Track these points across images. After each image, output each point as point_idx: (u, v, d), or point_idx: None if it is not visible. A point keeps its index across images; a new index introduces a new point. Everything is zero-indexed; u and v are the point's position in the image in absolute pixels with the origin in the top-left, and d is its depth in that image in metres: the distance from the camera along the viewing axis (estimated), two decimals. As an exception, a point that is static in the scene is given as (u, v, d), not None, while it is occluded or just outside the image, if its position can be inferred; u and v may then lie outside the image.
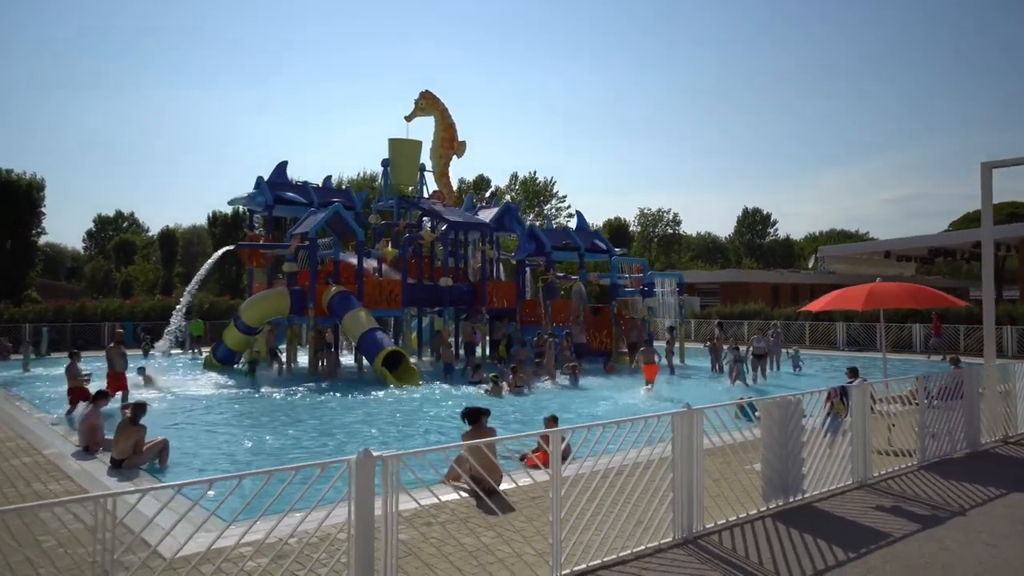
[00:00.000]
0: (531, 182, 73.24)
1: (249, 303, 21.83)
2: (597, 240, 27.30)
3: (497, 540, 5.89)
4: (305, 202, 24.41)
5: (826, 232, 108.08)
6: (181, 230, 77.72)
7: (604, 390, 18.34)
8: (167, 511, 4.63)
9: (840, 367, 24.86)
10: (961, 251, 48.56)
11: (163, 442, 9.82)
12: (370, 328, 20.29)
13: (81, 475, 9.03)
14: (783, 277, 50.44)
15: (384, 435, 12.08)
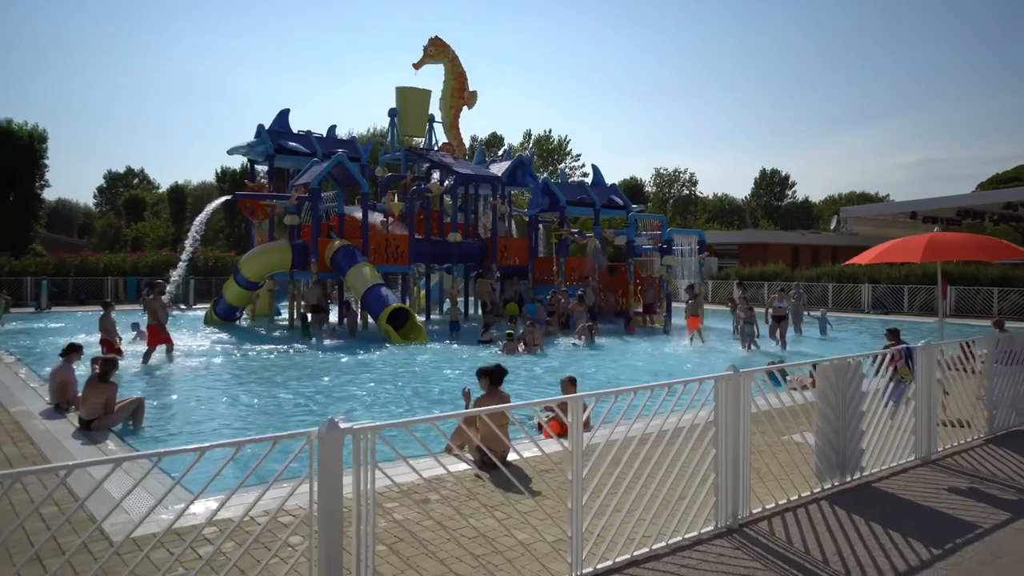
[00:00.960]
0: (546, 140, 71.41)
1: (249, 256, 20.86)
2: (614, 195, 26.01)
3: (500, 528, 4.89)
4: (308, 152, 23.23)
5: (845, 194, 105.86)
6: (191, 186, 76.72)
7: (625, 351, 17.32)
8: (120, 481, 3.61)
9: (868, 330, 23.70)
10: (990, 213, 46.85)
11: (137, 401, 8.89)
12: (375, 284, 19.27)
13: (43, 437, 8.11)
14: (804, 238, 48.94)
15: (386, 398, 11.11)
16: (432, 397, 11.08)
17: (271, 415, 9.71)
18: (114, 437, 8.24)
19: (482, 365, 7.40)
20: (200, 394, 11.24)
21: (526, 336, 16.21)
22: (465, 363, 14.59)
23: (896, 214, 48.15)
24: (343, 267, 20.01)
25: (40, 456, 7.32)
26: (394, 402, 10.66)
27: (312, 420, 9.27)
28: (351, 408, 10.17)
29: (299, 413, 9.77)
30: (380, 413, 9.83)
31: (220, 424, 9.16)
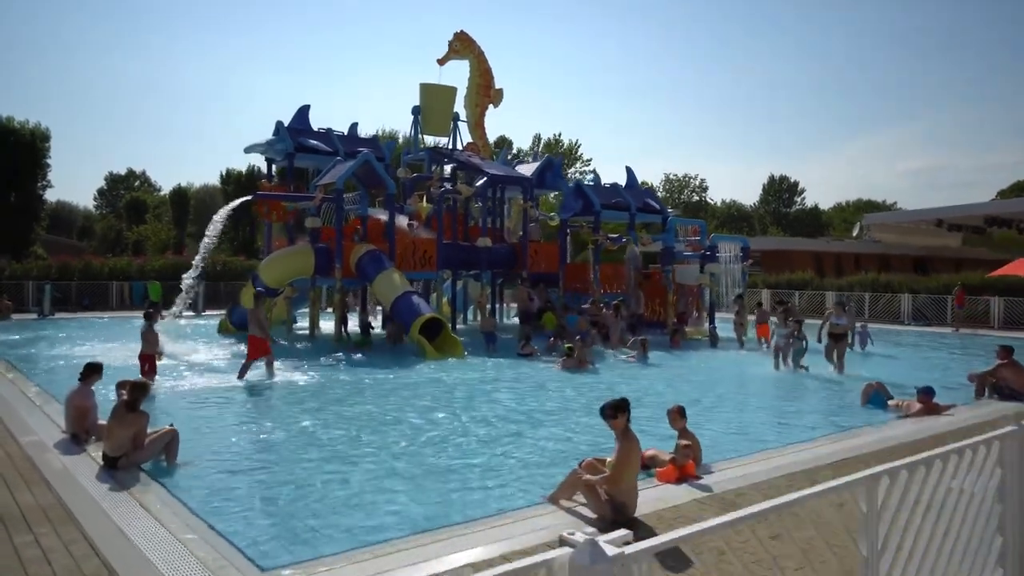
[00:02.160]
0: (556, 144, 70.17)
1: (269, 261, 19.53)
2: (649, 199, 24.75)
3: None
4: (330, 151, 21.92)
5: (853, 201, 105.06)
6: (193, 189, 75.42)
7: (685, 366, 15.97)
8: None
9: (908, 343, 22.28)
10: (1019, 220, 45.69)
11: (171, 433, 7.54)
12: (405, 292, 17.97)
13: (63, 480, 6.79)
14: (827, 246, 47.68)
15: (455, 428, 9.76)
16: (510, 427, 9.74)
17: (336, 449, 8.36)
18: (149, 481, 6.88)
19: (611, 401, 6.07)
20: (242, 420, 9.90)
21: (577, 352, 14.89)
22: (521, 383, 13.26)
23: (918, 221, 46.96)
24: (370, 273, 18.70)
25: (61, 507, 5.99)
26: (466, 435, 9.32)
27: (382, 462, 7.96)
28: (433, 442, 8.83)
29: (368, 454, 8.40)
30: (473, 454, 8.47)
31: (274, 461, 7.80)
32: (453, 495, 6.59)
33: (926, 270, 45.14)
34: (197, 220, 70.90)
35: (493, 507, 6.16)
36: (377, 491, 6.65)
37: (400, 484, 6.87)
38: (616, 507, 5.77)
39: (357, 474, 7.19)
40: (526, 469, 7.45)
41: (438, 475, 7.21)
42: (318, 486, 6.79)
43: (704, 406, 10.95)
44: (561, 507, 6.13)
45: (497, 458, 7.86)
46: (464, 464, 7.63)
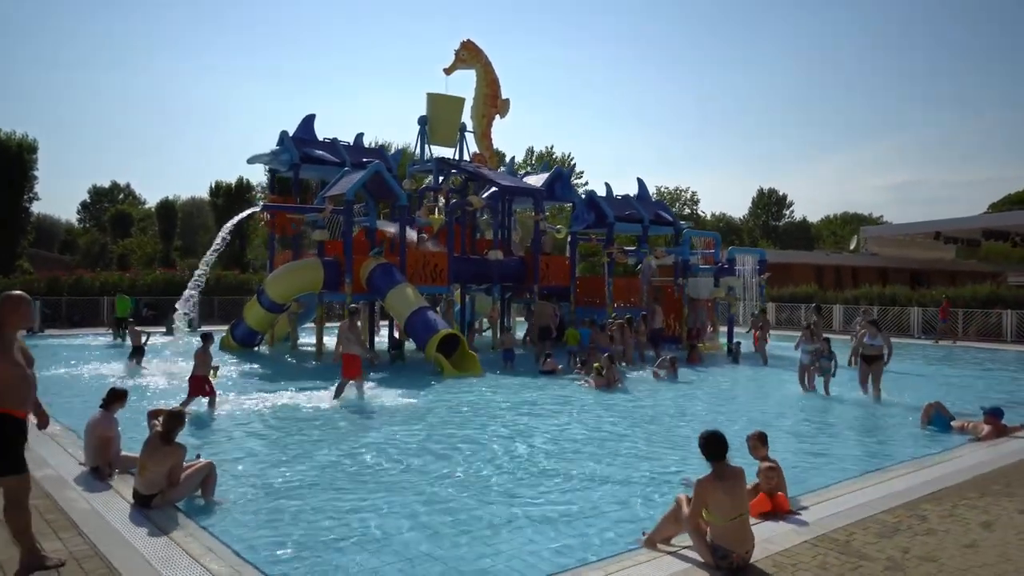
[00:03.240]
0: (549, 157, 69.82)
1: (276, 276, 18.78)
2: (661, 211, 24.27)
3: None
4: (336, 161, 21.28)
5: (840, 215, 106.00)
6: (180, 201, 74.27)
7: (714, 384, 15.40)
8: None
9: (924, 357, 21.84)
10: (1014, 233, 45.81)
11: (207, 466, 6.83)
12: (420, 307, 17.29)
13: (92, 522, 6.05)
14: (827, 259, 47.54)
15: (490, 458, 9.09)
16: (567, 457, 9.08)
17: (374, 475, 7.67)
18: (188, 522, 6.15)
19: (709, 432, 5.46)
20: (277, 447, 9.18)
21: (607, 371, 14.29)
22: (554, 403, 12.62)
23: (918, 234, 46.95)
24: (381, 288, 18.02)
25: (99, 558, 5.27)
26: (520, 469, 8.65)
27: (421, 491, 7.28)
28: (481, 474, 8.14)
29: (402, 482, 7.73)
30: (536, 490, 7.81)
31: (320, 492, 7.09)
32: (532, 541, 5.92)
33: (923, 283, 45.10)
34: (184, 233, 69.85)
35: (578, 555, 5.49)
36: (455, 536, 5.98)
37: (476, 527, 6.21)
38: (721, 553, 5.14)
39: (420, 516, 6.50)
40: (605, 507, 6.80)
41: (509, 516, 6.54)
42: (380, 528, 6.10)
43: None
44: (661, 551, 5.49)
45: (564, 495, 7.19)
46: (531, 502, 6.97)
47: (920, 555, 5.43)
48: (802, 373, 14.06)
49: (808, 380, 13.94)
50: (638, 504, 6.84)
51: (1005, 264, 62.97)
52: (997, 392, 14.35)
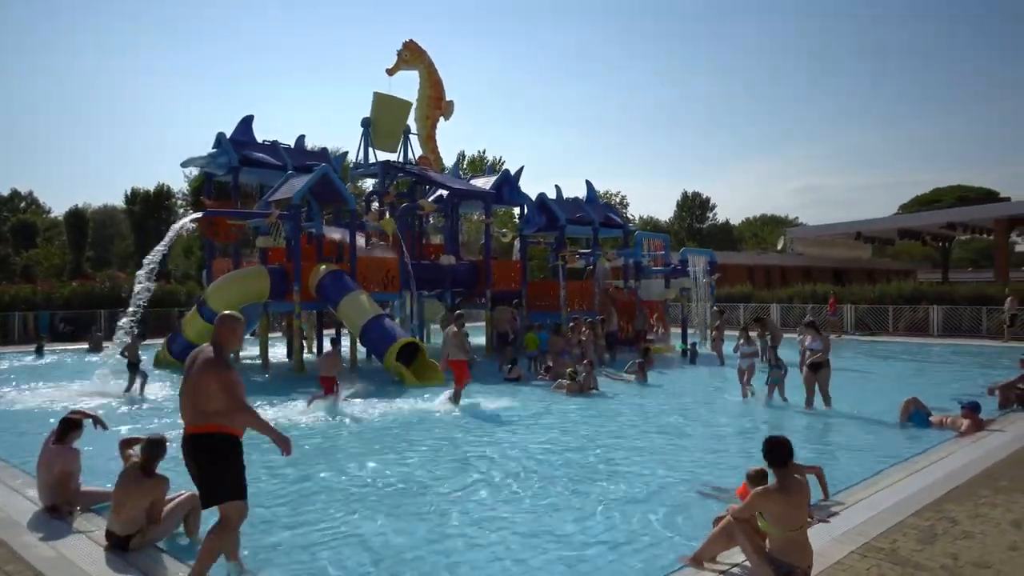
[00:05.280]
0: (480, 161, 69.44)
1: (219, 286, 17.67)
2: (610, 213, 24.25)
3: None
4: (278, 164, 20.28)
5: (758, 217, 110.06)
6: (92, 210, 70.24)
7: (682, 387, 15.30)
8: None
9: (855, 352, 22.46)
10: (927, 232, 48.21)
11: (190, 499, 6.06)
12: (376, 315, 16.59)
13: (62, 571, 5.26)
14: (757, 259, 48.95)
15: (512, 473, 8.60)
16: (570, 470, 8.66)
17: (373, 496, 7.06)
18: (178, 565, 5.42)
19: (774, 438, 5.15)
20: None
21: (586, 375, 14.03)
22: (529, 412, 12.21)
23: (839, 234, 48.87)
24: (333, 296, 17.21)
25: (84, 616, 4.53)
26: (525, 487, 8.17)
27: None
28: (501, 492, 7.62)
29: (405, 503, 7.16)
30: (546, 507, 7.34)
31: (316, 516, 6.44)
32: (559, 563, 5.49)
33: (844, 280, 46.96)
34: (97, 243, 66.03)
35: None
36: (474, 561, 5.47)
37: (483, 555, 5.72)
38: (785, 569, 4.84)
39: (432, 542, 5.97)
40: (626, 524, 6.42)
41: (533, 538, 6.08)
42: (389, 555, 5.54)
43: (732, 434, 10.25)
44: (710, 570, 5.15)
45: (576, 511, 6.79)
46: (545, 522, 6.53)
47: (972, 561, 5.27)
48: (740, 378, 13.27)
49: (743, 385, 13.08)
50: (664, 519, 6.50)
51: (914, 262, 66.55)
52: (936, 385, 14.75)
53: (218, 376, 4.62)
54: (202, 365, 4.71)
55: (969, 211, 42.54)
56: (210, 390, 4.60)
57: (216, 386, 4.60)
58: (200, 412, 4.63)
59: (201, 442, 4.62)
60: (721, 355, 19.08)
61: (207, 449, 4.63)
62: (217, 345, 4.82)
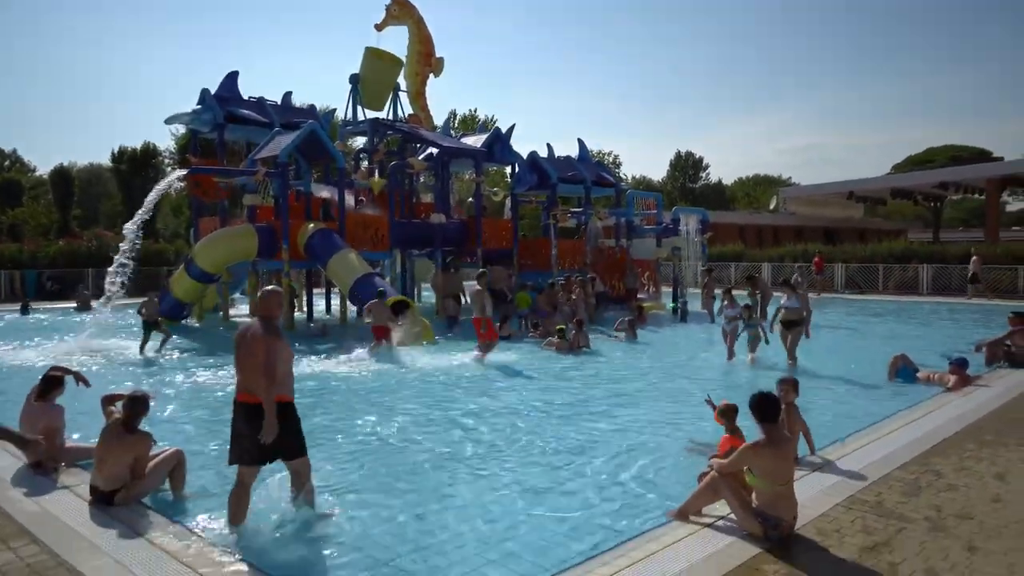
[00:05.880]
0: (472, 121, 68.61)
1: (206, 244, 17.45)
2: (602, 172, 24.01)
3: None
4: (264, 121, 19.93)
5: (751, 177, 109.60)
6: (77, 168, 69.21)
7: (672, 344, 15.33)
8: None
9: (845, 311, 22.61)
10: (920, 191, 48.09)
11: (175, 455, 6.05)
12: (365, 274, 16.46)
13: (47, 526, 5.23)
14: (749, 218, 48.85)
15: (502, 432, 8.59)
16: (558, 428, 8.66)
17: (379, 464, 7.05)
18: (163, 520, 5.38)
19: (762, 394, 5.13)
20: (214, 429, 8.37)
21: (575, 334, 14.08)
22: (516, 369, 12.23)
23: (832, 194, 48.69)
24: (321, 255, 17.06)
25: (66, 569, 4.51)
26: (513, 443, 8.17)
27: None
28: (488, 452, 7.61)
29: (419, 470, 7.14)
30: (534, 466, 7.34)
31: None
32: (539, 521, 5.49)
33: (835, 240, 47.00)
34: (83, 202, 65.22)
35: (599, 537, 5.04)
36: (441, 524, 5.48)
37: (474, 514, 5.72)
38: (772, 522, 4.85)
39: (414, 494, 5.97)
40: (610, 478, 6.44)
41: (503, 492, 6.09)
42: (371, 518, 5.53)
43: (719, 392, 10.28)
44: (697, 523, 5.16)
45: (558, 471, 6.79)
46: (527, 478, 6.55)
47: (955, 513, 5.31)
48: (724, 340, 12.98)
49: (728, 346, 12.79)
50: (643, 475, 6.52)
51: (905, 222, 66.59)
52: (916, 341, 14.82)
53: (266, 345, 4.94)
54: (254, 338, 5.02)
55: (961, 171, 42.37)
56: (264, 359, 4.92)
57: (263, 354, 4.92)
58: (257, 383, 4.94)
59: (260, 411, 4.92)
60: (712, 313, 19.10)
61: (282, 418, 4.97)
62: (264, 318, 5.14)
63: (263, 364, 4.89)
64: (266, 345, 4.94)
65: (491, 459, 7.01)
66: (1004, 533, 4.93)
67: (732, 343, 12.68)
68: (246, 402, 5.02)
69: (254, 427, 4.93)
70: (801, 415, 6.58)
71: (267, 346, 4.94)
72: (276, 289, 5.40)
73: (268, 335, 5.00)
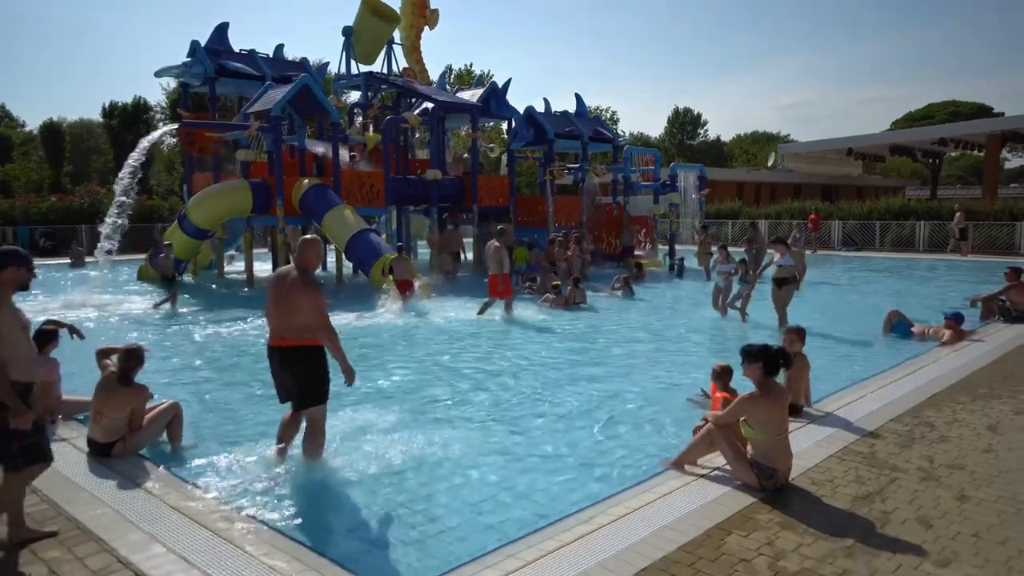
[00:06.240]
0: (467, 75, 67.56)
1: (200, 200, 17.27)
2: (600, 127, 23.71)
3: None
4: (256, 75, 19.56)
5: (749, 133, 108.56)
6: (67, 124, 68.12)
7: (668, 301, 15.35)
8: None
9: (841, 268, 22.64)
10: (919, 148, 47.72)
11: (172, 408, 6.08)
12: (361, 230, 16.37)
13: (45, 477, 5.22)
14: (747, 176, 48.52)
15: (498, 386, 8.62)
16: (554, 380, 8.70)
17: (365, 414, 7.08)
18: (162, 472, 5.42)
19: (766, 347, 5.12)
20: (222, 385, 8.41)
21: (570, 290, 14.09)
22: (514, 324, 12.26)
23: (831, 150, 48.32)
24: (317, 210, 16.93)
25: (66, 519, 4.54)
26: (505, 395, 8.21)
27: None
28: (490, 407, 7.65)
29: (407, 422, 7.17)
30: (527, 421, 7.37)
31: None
32: (536, 474, 5.54)
33: (832, 197, 46.78)
34: (75, 158, 64.45)
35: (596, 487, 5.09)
36: (443, 476, 5.52)
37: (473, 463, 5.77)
38: (767, 472, 4.89)
39: (398, 435, 6.01)
40: (604, 431, 6.48)
41: (499, 444, 6.14)
42: (366, 470, 5.56)
43: (713, 348, 10.31)
44: (692, 474, 5.20)
45: (554, 423, 6.84)
46: (522, 431, 6.59)
47: (947, 463, 5.36)
48: (716, 295, 12.76)
49: (721, 303, 12.59)
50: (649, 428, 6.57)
51: (903, 179, 66.27)
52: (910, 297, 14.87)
53: (310, 296, 5.05)
54: (293, 285, 5.09)
55: (961, 127, 41.95)
56: (302, 308, 5.05)
57: (308, 304, 5.04)
58: (293, 327, 5.10)
59: (295, 354, 5.14)
60: (708, 270, 19.07)
61: (300, 360, 5.16)
62: (302, 267, 5.19)
63: (317, 316, 5.04)
64: (311, 297, 5.04)
65: (489, 411, 7.05)
66: (995, 482, 4.99)
67: (725, 299, 12.63)
68: (278, 346, 5.19)
69: (284, 370, 5.19)
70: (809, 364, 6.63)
71: (312, 298, 5.04)
72: (315, 238, 5.38)
73: (309, 286, 5.08)
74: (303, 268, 5.19)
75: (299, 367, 5.16)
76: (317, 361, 5.20)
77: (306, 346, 5.14)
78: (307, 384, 5.21)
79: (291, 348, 5.14)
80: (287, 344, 5.14)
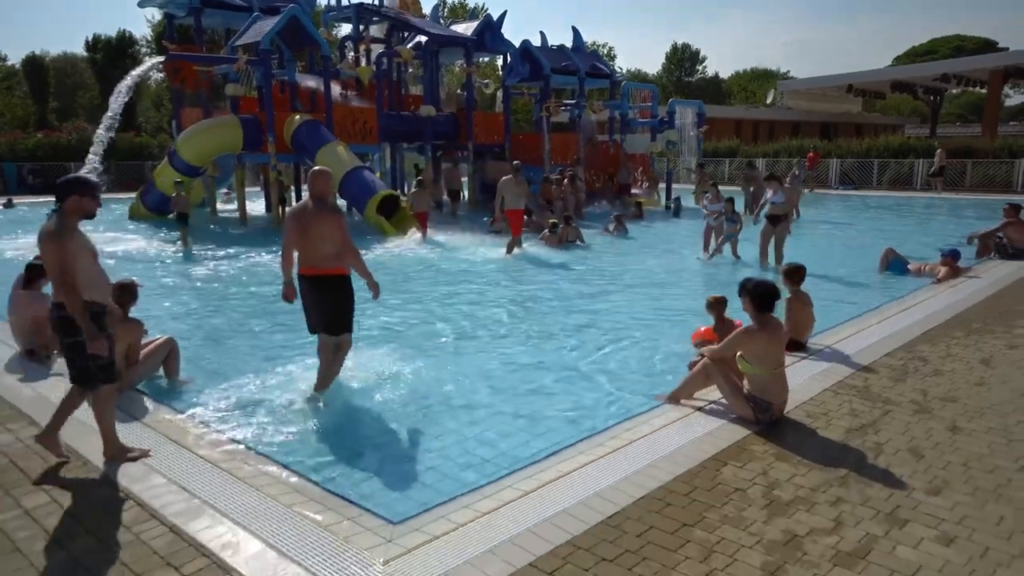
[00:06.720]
0: (461, 8, 65.77)
1: (189, 136, 16.93)
2: (597, 63, 23.16)
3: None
4: (244, 6, 18.95)
5: (749, 70, 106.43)
6: (50, 58, 66.31)
7: (664, 243, 15.31)
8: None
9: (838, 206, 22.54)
10: (921, 84, 46.93)
11: (168, 343, 6.06)
12: (355, 167, 16.12)
13: (44, 410, 5.21)
14: (745, 113, 47.81)
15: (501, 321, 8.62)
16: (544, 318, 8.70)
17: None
18: (159, 406, 5.45)
19: (761, 282, 5.09)
20: (225, 317, 8.40)
21: (563, 229, 14.01)
22: (510, 261, 12.23)
23: (831, 87, 47.49)
24: (308, 147, 16.64)
25: (73, 454, 4.56)
26: (504, 330, 8.21)
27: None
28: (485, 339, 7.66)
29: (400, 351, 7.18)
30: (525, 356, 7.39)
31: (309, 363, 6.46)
32: (535, 406, 5.57)
33: (831, 135, 46.25)
34: (60, 94, 63.00)
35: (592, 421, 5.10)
36: (437, 415, 5.55)
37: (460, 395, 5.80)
38: (763, 406, 4.93)
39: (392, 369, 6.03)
40: (600, 366, 6.51)
41: (496, 378, 6.16)
42: (368, 402, 5.60)
43: (706, 286, 10.30)
44: (688, 407, 5.24)
45: (549, 359, 6.86)
46: (520, 367, 6.61)
47: (940, 396, 5.41)
48: (707, 235, 12.66)
49: (714, 244, 12.46)
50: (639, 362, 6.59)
51: (902, 116, 65.48)
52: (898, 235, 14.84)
53: (333, 221, 5.23)
54: (313, 216, 5.19)
55: (964, 62, 41.15)
56: (334, 235, 5.21)
57: (331, 229, 5.21)
58: (324, 256, 5.25)
59: (328, 282, 5.31)
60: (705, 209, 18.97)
61: (337, 288, 5.35)
62: (318, 198, 5.31)
63: (342, 237, 5.23)
64: (333, 222, 5.21)
65: (485, 345, 7.06)
66: (986, 414, 5.04)
67: (716, 238, 12.46)
68: (307, 275, 5.33)
69: (315, 297, 5.36)
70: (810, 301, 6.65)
71: (335, 222, 5.21)
72: (324, 169, 5.49)
73: (329, 213, 5.24)
74: (319, 198, 5.31)
75: (332, 294, 5.34)
76: (349, 289, 5.41)
77: (337, 275, 5.33)
78: (342, 311, 5.40)
79: (324, 276, 5.30)
80: (320, 273, 5.29)
